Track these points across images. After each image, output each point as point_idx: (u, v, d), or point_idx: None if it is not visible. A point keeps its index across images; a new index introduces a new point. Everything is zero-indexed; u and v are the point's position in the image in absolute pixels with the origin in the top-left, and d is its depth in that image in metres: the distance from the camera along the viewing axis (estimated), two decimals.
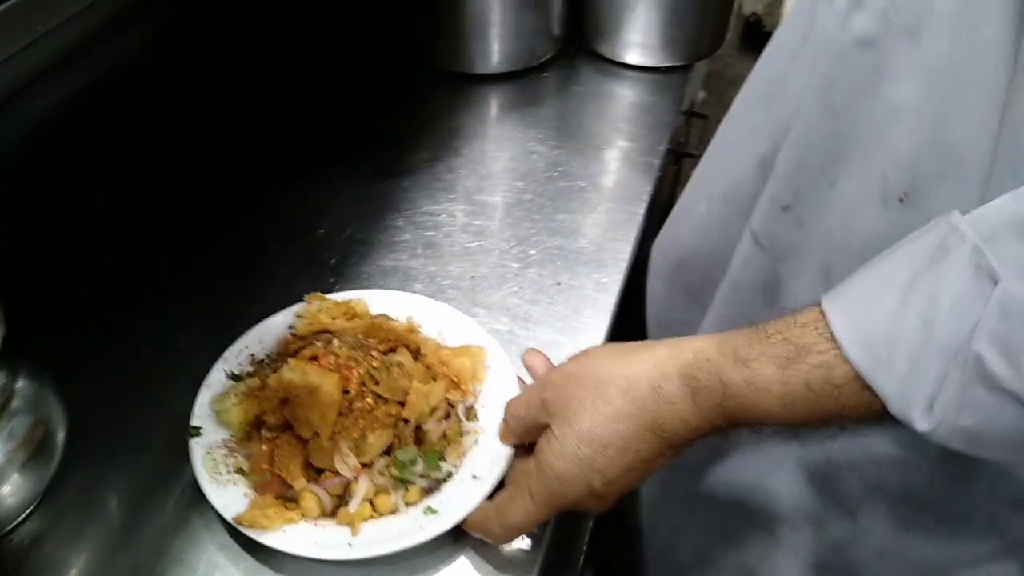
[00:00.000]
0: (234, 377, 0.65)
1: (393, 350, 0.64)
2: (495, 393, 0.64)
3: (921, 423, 0.39)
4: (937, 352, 0.39)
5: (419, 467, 0.59)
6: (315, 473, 0.59)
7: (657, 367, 0.50)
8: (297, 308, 0.69)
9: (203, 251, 0.81)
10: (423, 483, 0.59)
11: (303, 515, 0.57)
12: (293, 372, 0.58)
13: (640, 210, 0.86)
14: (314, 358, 0.61)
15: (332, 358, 0.60)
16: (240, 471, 0.59)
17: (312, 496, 0.57)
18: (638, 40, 1.06)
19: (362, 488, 0.57)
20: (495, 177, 0.91)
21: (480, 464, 0.60)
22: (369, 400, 0.59)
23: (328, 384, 0.58)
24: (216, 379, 0.64)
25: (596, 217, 0.86)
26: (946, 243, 0.40)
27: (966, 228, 0.40)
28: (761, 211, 0.69)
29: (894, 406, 0.40)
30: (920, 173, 0.55)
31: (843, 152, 0.61)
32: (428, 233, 0.84)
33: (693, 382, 0.48)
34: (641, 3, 1.02)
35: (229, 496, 0.57)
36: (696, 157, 0.91)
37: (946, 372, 0.38)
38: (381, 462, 0.59)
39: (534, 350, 0.64)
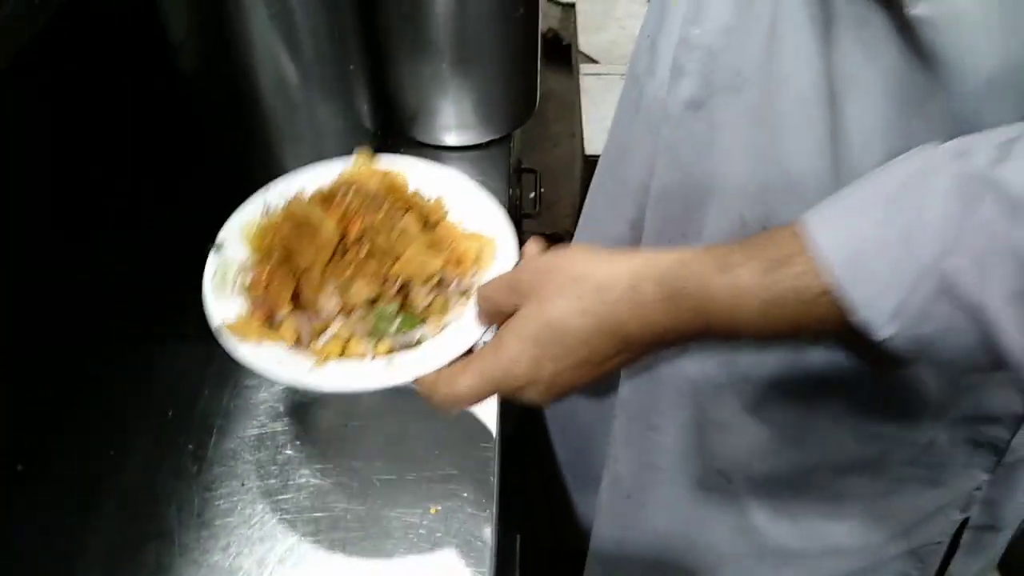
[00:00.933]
0: (268, 208, 0.70)
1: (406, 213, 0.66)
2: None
3: (883, 330, 0.41)
4: (913, 264, 0.40)
5: (395, 324, 0.62)
6: (302, 308, 0.63)
7: (634, 271, 0.50)
8: (346, 160, 0.73)
9: None
10: (396, 340, 0.62)
11: (279, 338, 0.61)
12: (298, 205, 0.62)
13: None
14: (328, 201, 0.64)
15: (342, 205, 0.64)
16: (245, 290, 0.64)
17: (292, 324, 0.61)
18: (454, 123, 1.03)
19: (335, 327, 0.61)
20: None
21: (451, 338, 0.61)
22: (364, 252, 0.62)
23: (328, 224, 0.61)
24: (253, 207, 0.69)
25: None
26: (926, 167, 0.43)
27: (943, 154, 0.42)
28: None
29: (861, 314, 0.41)
30: (771, 206, 0.61)
31: (701, 202, 0.66)
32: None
33: (675, 283, 0.48)
34: (451, 89, 0.99)
35: (223, 306, 0.62)
36: (532, 217, 1.02)
37: (916, 283, 0.40)
38: (363, 311, 0.62)
39: (538, 238, 0.64)
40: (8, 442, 0.74)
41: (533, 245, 0.63)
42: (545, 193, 1.38)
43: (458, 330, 0.61)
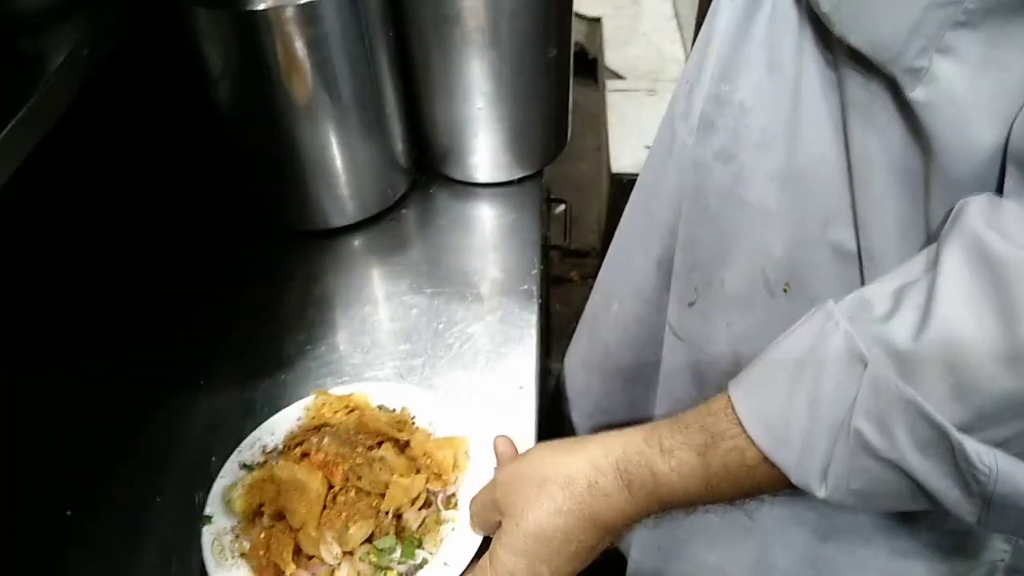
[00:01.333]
0: (246, 467, 0.73)
1: (380, 444, 0.70)
2: (475, 482, 0.70)
3: (819, 490, 0.45)
4: (824, 429, 0.44)
5: (396, 554, 0.65)
6: (305, 559, 0.66)
7: (593, 463, 0.55)
8: (306, 402, 0.77)
9: None
10: (401, 568, 0.65)
11: None
12: (282, 469, 0.66)
13: (531, 344, 0.87)
14: (306, 455, 0.68)
15: (321, 455, 0.68)
16: (243, 556, 0.67)
17: None
18: (487, 161, 1.04)
19: (343, 574, 0.64)
20: (381, 346, 0.88)
21: (452, 551, 0.65)
22: (352, 494, 0.66)
23: (314, 480, 0.65)
24: (230, 469, 0.73)
25: (491, 367, 0.85)
26: (824, 328, 0.46)
27: (839, 314, 0.45)
28: (673, 308, 0.76)
29: (795, 478, 0.46)
30: (796, 267, 0.60)
31: (725, 252, 0.67)
32: None
33: (626, 475, 0.53)
34: (482, 128, 0.99)
35: None
36: (561, 248, 0.96)
37: (833, 445, 0.44)
38: (363, 549, 0.65)
39: (503, 436, 0.70)
40: (58, 488, 0.76)
41: (503, 446, 0.69)
42: (571, 206, 1.38)
43: (458, 545, 0.65)
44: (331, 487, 0.66)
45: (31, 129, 0.60)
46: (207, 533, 0.68)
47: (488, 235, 1.03)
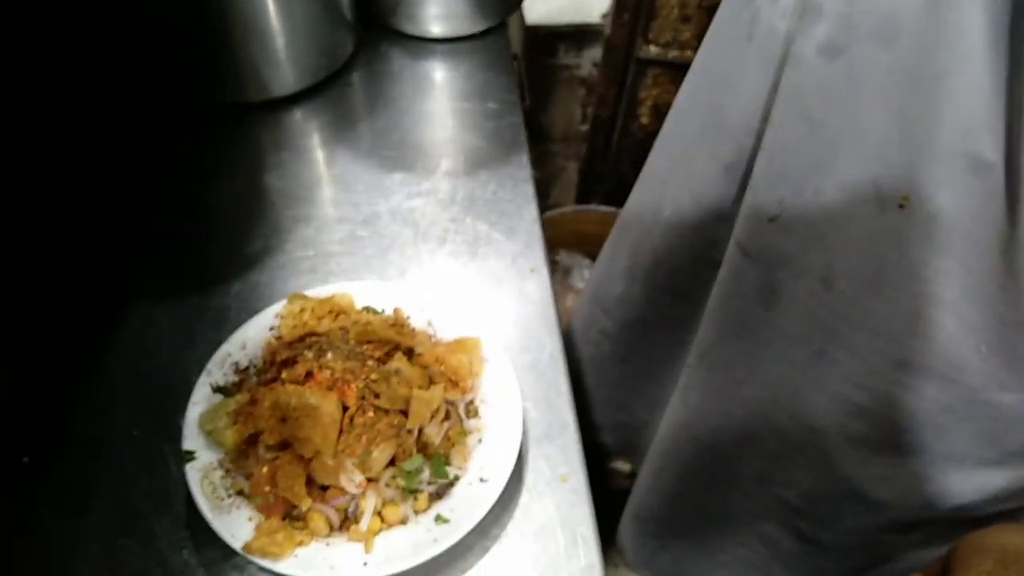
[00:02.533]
0: (220, 390, 0.62)
1: (388, 354, 0.61)
2: (494, 387, 0.63)
3: None
4: None
5: (425, 475, 0.58)
6: (319, 490, 0.57)
7: None
8: (277, 308, 0.66)
9: None
10: (431, 489, 0.59)
11: (312, 535, 0.56)
12: (290, 395, 0.55)
13: (533, 219, 0.78)
14: (309, 374, 0.58)
15: (328, 373, 0.58)
16: (240, 493, 0.57)
17: (320, 515, 0.56)
18: (442, 11, 0.91)
19: (371, 504, 0.56)
20: (356, 239, 0.76)
21: (487, 465, 0.59)
22: (370, 414, 0.58)
23: (328, 404, 0.56)
24: (202, 395, 0.61)
25: (490, 252, 0.76)
26: None
27: None
28: (745, 223, 0.67)
29: None
30: (918, 179, 0.53)
31: (826, 161, 0.59)
32: None
33: None
34: None
35: (234, 522, 0.55)
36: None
37: None
38: (387, 473, 0.58)
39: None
40: (11, 432, 0.64)
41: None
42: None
43: (491, 458, 0.59)
44: (345, 409, 0.57)
45: None
46: (192, 472, 0.57)
47: (455, 99, 0.89)
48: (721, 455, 0.79)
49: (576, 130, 1.88)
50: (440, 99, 0.89)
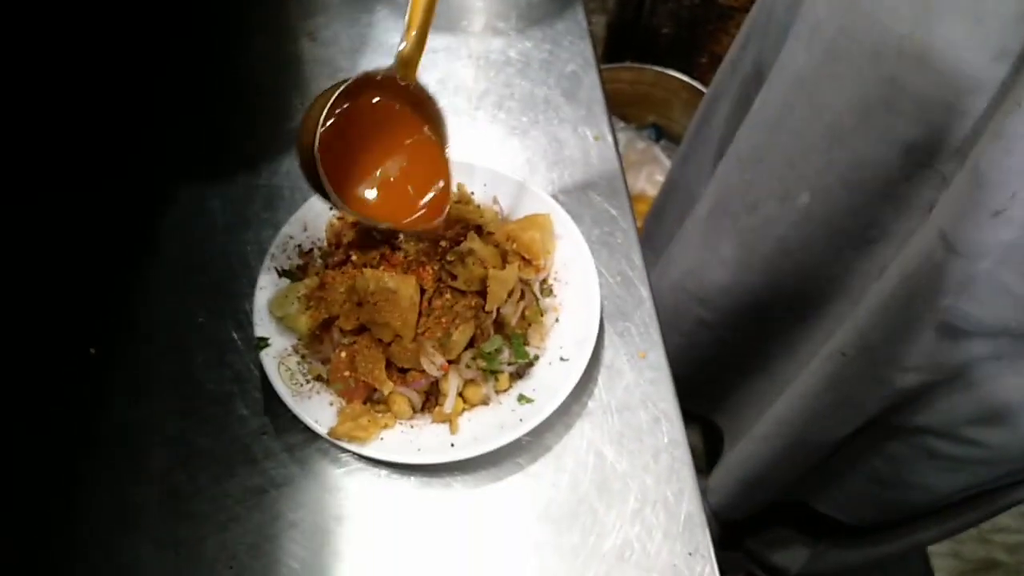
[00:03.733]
0: (286, 274, 0.60)
1: (458, 233, 0.58)
2: (568, 265, 0.61)
3: None
4: None
5: (505, 355, 0.57)
6: (399, 372, 0.56)
7: None
8: None
9: None
10: (510, 370, 0.57)
11: (395, 417, 0.55)
12: (368, 280, 0.53)
13: (594, 80, 0.72)
14: (381, 256, 0.55)
15: (400, 255, 0.55)
16: (318, 378, 0.56)
17: (402, 398, 0.55)
18: None
19: (453, 385, 0.55)
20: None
21: (566, 344, 0.58)
22: (447, 296, 0.55)
23: (406, 287, 0.53)
24: (268, 279, 0.59)
25: (551, 118, 0.70)
26: None
27: None
28: (958, 217, 0.59)
29: None
30: None
31: None
32: None
33: None
34: None
35: (316, 408, 0.55)
36: None
37: None
38: (466, 355, 0.56)
39: None
40: (76, 324, 0.63)
41: None
42: None
43: (570, 337, 0.58)
44: (422, 291, 0.55)
45: None
46: (268, 359, 0.56)
47: None
48: (867, 422, 0.77)
49: None
50: None
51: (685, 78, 1.58)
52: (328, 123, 0.51)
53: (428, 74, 0.73)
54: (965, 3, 0.53)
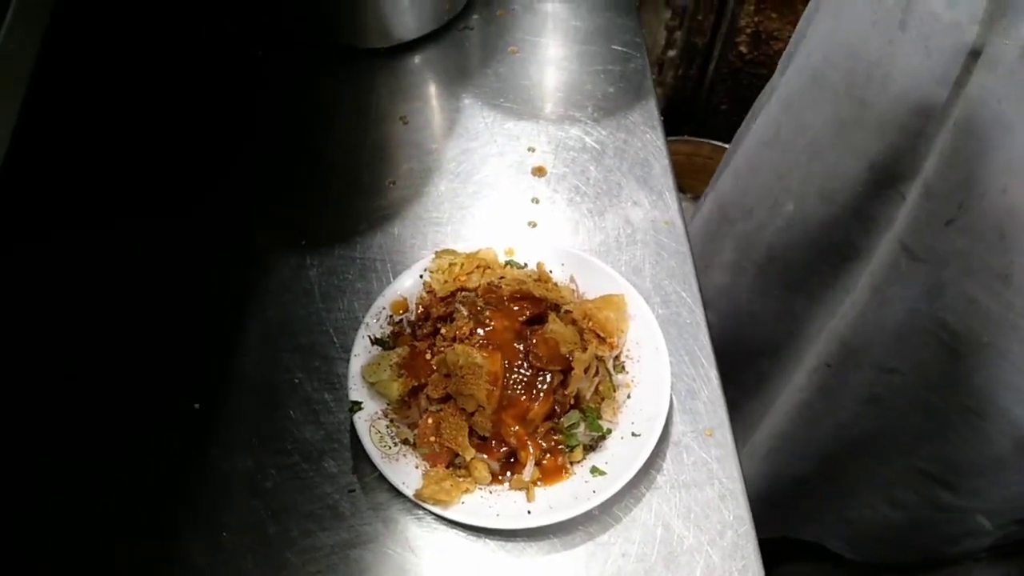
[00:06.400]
0: (378, 342, 0.65)
1: (538, 311, 0.63)
2: (640, 343, 0.64)
3: None
4: None
5: (581, 428, 0.60)
6: (479, 440, 0.60)
7: None
8: (425, 263, 0.68)
9: None
10: (585, 440, 0.61)
11: (476, 483, 0.59)
12: (458, 354, 0.58)
13: (665, 168, 0.77)
14: (471, 332, 0.60)
15: (485, 331, 0.60)
16: (405, 441, 0.61)
17: (483, 465, 0.59)
18: None
19: (532, 456, 0.59)
20: (490, 186, 0.77)
21: (637, 419, 0.61)
22: (527, 371, 0.59)
23: (492, 363, 0.58)
24: (362, 347, 0.64)
25: (624, 202, 0.75)
26: None
27: None
28: (914, 227, 0.65)
29: None
30: None
31: (1020, 159, 0.57)
32: None
33: None
34: None
35: (402, 470, 0.59)
36: None
37: None
38: (543, 427, 0.60)
39: None
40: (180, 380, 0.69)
41: None
42: None
43: (641, 413, 0.61)
44: (507, 366, 0.59)
45: None
46: (360, 421, 0.61)
47: (578, 42, 0.87)
48: (863, 436, 0.80)
49: (661, 56, 1.82)
50: (563, 42, 0.87)
51: None
52: None
53: (510, 157, 0.79)
54: (919, 36, 0.61)
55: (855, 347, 0.74)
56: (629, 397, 0.63)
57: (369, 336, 0.65)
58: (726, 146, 1.65)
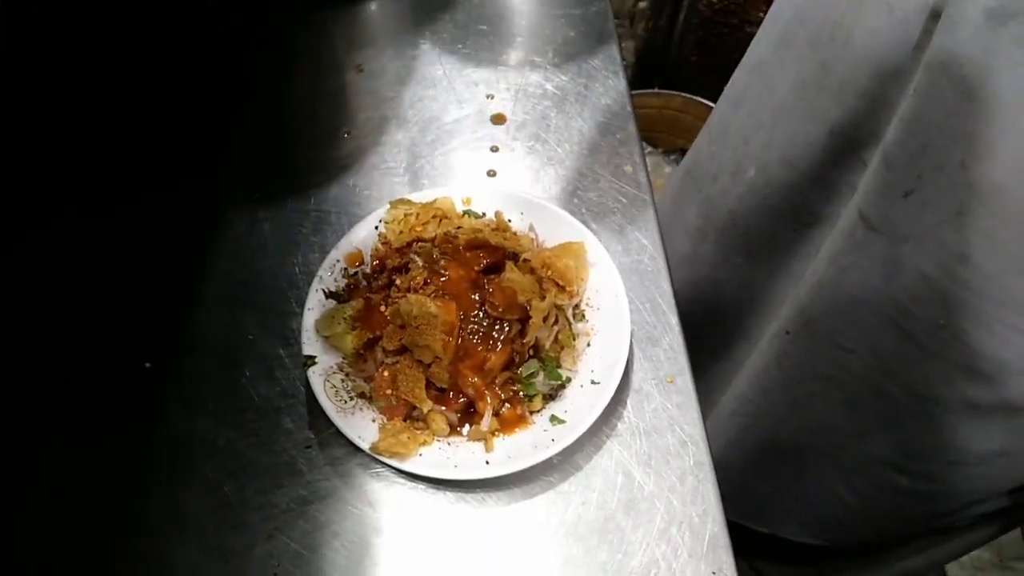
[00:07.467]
0: (333, 295, 0.63)
1: (495, 260, 0.61)
2: (600, 291, 0.63)
3: None
4: None
5: (540, 377, 0.60)
6: (436, 391, 0.59)
7: None
8: (380, 214, 0.66)
9: None
10: (544, 389, 0.60)
11: (434, 435, 0.58)
12: (412, 304, 0.56)
13: (629, 123, 0.75)
14: (426, 282, 0.59)
15: (441, 281, 0.59)
16: (362, 395, 0.59)
17: (440, 417, 0.58)
18: None
19: (490, 406, 0.58)
20: (449, 133, 0.75)
21: (597, 368, 0.60)
22: (484, 321, 0.58)
23: (447, 313, 0.57)
24: (315, 300, 0.62)
25: (585, 151, 0.74)
26: None
27: None
28: (872, 196, 0.63)
29: None
30: None
31: (978, 133, 0.54)
32: None
33: None
34: None
35: (359, 424, 0.58)
36: None
37: None
38: (501, 376, 0.59)
39: None
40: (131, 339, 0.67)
41: None
42: None
43: (601, 361, 0.60)
44: (461, 316, 0.58)
45: None
46: (315, 376, 0.59)
47: None
48: (818, 417, 0.79)
49: (632, 9, 1.79)
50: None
51: (713, 104, 1.60)
52: None
53: (469, 105, 0.76)
54: None
55: (812, 315, 0.73)
56: (589, 345, 0.62)
57: (323, 289, 0.63)
58: (697, 99, 1.64)
